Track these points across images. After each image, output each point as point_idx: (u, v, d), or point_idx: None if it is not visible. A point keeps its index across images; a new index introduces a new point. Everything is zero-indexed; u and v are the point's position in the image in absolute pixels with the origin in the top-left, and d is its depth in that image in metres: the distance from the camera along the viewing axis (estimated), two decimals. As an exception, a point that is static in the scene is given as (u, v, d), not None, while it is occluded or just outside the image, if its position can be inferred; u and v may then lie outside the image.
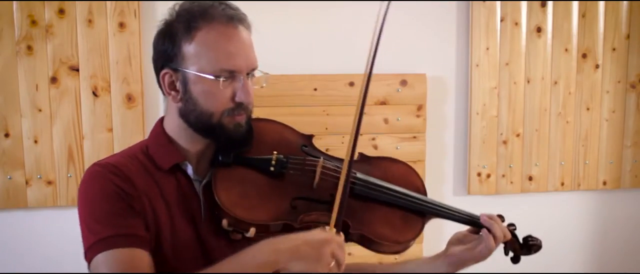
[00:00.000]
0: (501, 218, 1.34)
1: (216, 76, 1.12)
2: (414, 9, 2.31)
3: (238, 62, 1.14)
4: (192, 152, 1.21)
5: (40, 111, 2.09)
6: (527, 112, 2.39)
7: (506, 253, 1.36)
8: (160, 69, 1.18)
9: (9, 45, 2.05)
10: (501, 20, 2.33)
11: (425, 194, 1.33)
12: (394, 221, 1.25)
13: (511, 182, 2.41)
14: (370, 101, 2.27)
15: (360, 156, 1.34)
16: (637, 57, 2.44)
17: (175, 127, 1.21)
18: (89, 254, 1.07)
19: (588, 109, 2.43)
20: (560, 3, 2.36)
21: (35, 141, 2.10)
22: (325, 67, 2.25)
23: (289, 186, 1.20)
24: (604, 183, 2.49)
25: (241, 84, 1.15)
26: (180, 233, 1.16)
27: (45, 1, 2.06)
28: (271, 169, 1.19)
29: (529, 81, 2.38)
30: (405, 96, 2.29)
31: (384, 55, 2.30)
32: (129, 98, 2.14)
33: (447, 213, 1.31)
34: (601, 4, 2.39)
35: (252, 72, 1.19)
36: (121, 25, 2.11)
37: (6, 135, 2.08)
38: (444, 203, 1.31)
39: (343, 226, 1.19)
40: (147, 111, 2.16)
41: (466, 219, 1.32)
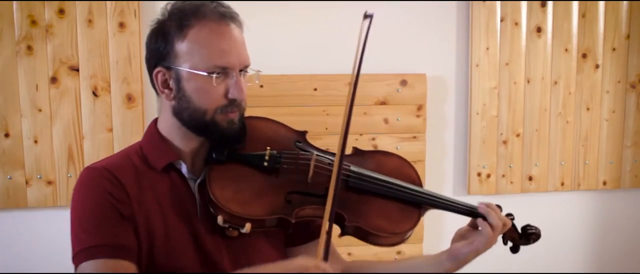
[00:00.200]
0: (499, 208, 1.32)
1: (209, 73, 1.13)
2: (414, 9, 2.31)
3: (231, 58, 1.15)
4: (187, 151, 1.22)
5: (40, 111, 2.09)
6: (527, 112, 2.39)
7: (505, 243, 1.35)
8: (154, 67, 1.18)
9: (9, 45, 2.05)
10: (501, 20, 2.33)
11: (421, 185, 1.32)
12: (390, 213, 1.25)
13: (511, 182, 2.41)
14: (370, 101, 2.27)
15: (354, 150, 1.34)
16: (637, 57, 2.44)
17: (169, 127, 1.22)
18: (75, 260, 1.09)
19: (588, 109, 2.43)
20: (560, 3, 2.36)
21: (35, 141, 2.10)
22: (325, 67, 2.25)
23: (283, 180, 1.20)
24: (604, 183, 2.49)
25: (234, 80, 1.15)
26: (175, 232, 1.16)
27: (45, 1, 2.06)
28: (265, 164, 1.20)
29: (529, 81, 2.38)
30: (405, 96, 2.29)
31: (384, 56, 2.33)
32: (129, 98, 2.14)
33: (443, 203, 1.29)
34: (601, 4, 2.39)
35: (245, 69, 1.19)
36: (121, 25, 2.11)
37: (6, 135, 2.08)
38: (440, 194, 1.30)
39: (338, 219, 1.20)
40: (147, 111, 2.16)
41: (462, 209, 1.30)
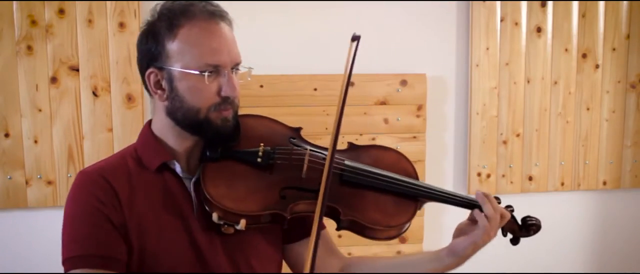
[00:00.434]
0: (497, 200, 1.30)
1: (201, 71, 1.13)
2: (414, 9, 2.31)
3: (222, 56, 1.15)
4: (181, 150, 1.22)
5: (40, 111, 2.09)
6: (527, 112, 2.39)
7: (505, 234, 1.33)
8: (145, 68, 1.19)
9: (9, 45, 2.05)
10: (501, 20, 2.33)
11: (417, 179, 1.32)
12: (385, 206, 1.25)
13: (511, 182, 2.41)
14: (370, 101, 2.27)
15: (349, 145, 1.35)
16: (637, 57, 2.44)
17: (163, 127, 1.22)
18: (64, 266, 1.12)
19: (588, 109, 2.43)
20: (560, 3, 2.36)
21: (35, 141, 2.10)
22: (325, 67, 2.25)
23: (278, 176, 1.21)
24: (604, 183, 2.49)
25: (226, 78, 1.16)
26: (169, 232, 1.17)
27: (45, 1, 2.06)
28: (258, 160, 1.20)
29: (529, 81, 2.38)
30: (405, 96, 2.29)
31: (384, 56, 2.33)
32: (129, 98, 2.14)
33: (439, 195, 1.28)
34: (601, 4, 2.39)
35: (236, 67, 1.19)
36: (121, 25, 2.11)
37: (6, 135, 2.08)
38: (436, 186, 1.30)
39: (333, 213, 1.20)
40: (147, 111, 2.16)
41: (458, 201, 1.29)
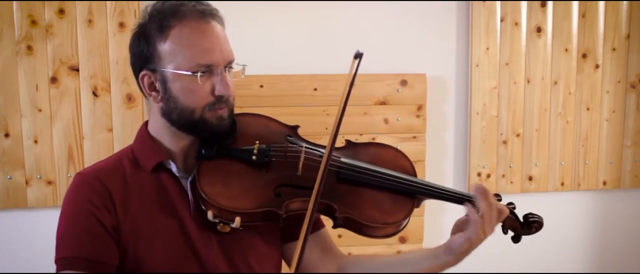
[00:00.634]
0: (497, 197, 1.28)
1: (193, 72, 1.13)
2: (414, 9, 2.31)
3: (214, 56, 1.14)
4: (177, 150, 1.23)
5: (40, 111, 2.09)
6: (527, 112, 2.39)
7: (505, 232, 1.31)
8: (139, 71, 1.19)
9: (9, 45, 2.05)
10: (501, 20, 2.33)
11: (415, 176, 1.31)
12: (382, 203, 1.24)
13: (511, 182, 2.41)
14: (370, 101, 2.27)
15: (346, 143, 1.34)
16: (637, 57, 2.44)
17: (159, 128, 1.23)
18: (56, 265, 1.14)
19: (588, 109, 2.43)
20: (560, 3, 2.36)
21: (35, 141, 2.10)
22: (325, 67, 2.25)
23: (273, 174, 1.21)
24: (604, 183, 2.49)
25: (219, 77, 1.15)
26: (164, 232, 1.17)
27: (45, 1, 2.06)
28: (253, 158, 1.20)
29: (529, 81, 2.38)
30: (405, 96, 2.29)
31: (384, 56, 2.33)
32: (129, 98, 2.14)
33: (437, 192, 1.27)
34: (601, 4, 2.39)
35: (230, 65, 1.19)
36: (121, 25, 2.11)
37: (6, 135, 2.08)
38: (433, 183, 1.29)
39: (329, 211, 1.20)
40: (147, 111, 2.16)
41: (456, 197, 1.26)
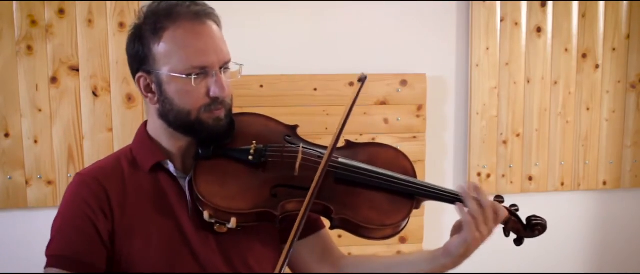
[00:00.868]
0: (500, 199, 1.27)
1: (188, 74, 1.12)
2: (414, 9, 2.31)
3: (209, 57, 1.14)
4: (175, 150, 1.23)
5: (40, 111, 2.09)
6: (527, 112, 2.39)
7: (507, 234, 1.28)
8: (136, 72, 1.19)
9: (9, 45, 2.05)
10: (501, 20, 2.33)
11: (415, 177, 1.29)
12: (380, 204, 1.22)
13: (511, 182, 2.41)
14: (370, 101, 2.27)
15: (346, 143, 1.33)
16: (637, 57, 2.44)
17: (157, 128, 1.23)
18: (46, 258, 1.17)
19: (588, 109, 2.43)
20: (560, 3, 2.36)
21: (35, 141, 2.10)
22: (325, 67, 2.25)
23: (270, 174, 1.20)
24: (604, 183, 2.49)
25: (214, 79, 1.15)
26: (161, 232, 1.17)
27: (45, 1, 2.06)
28: (250, 158, 1.20)
29: (529, 81, 2.38)
30: (405, 96, 2.29)
31: (384, 56, 2.33)
32: (129, 98, 2.14)
33: (435, 193, 1.25)
34: (601, 4, 2.39)
35: (226, 65, 1.18)
36: (121, 25, 2.11)
37: (6, 135, 2.08)
38: (432, 184, 1.27)
39: (326, 212, 1.19)
40: (147, 111, 2.16)
41: (454, 198, 1.24)
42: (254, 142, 1.22)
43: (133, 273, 1.16)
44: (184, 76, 1.13)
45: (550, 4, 2.35)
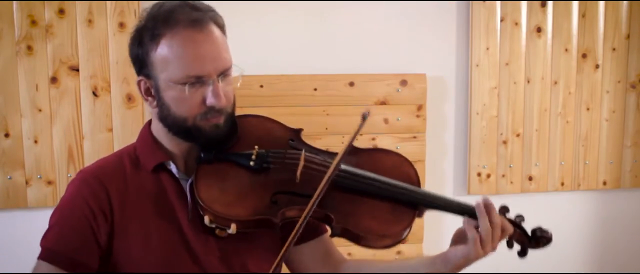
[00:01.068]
0: (505, 210, 1.26)
1: (183, 83, 1.11)
2: (414, 9, 2.31)
3: (205, 66, 1.12)
4: (178, 152, 1.23)
5: (40, 111, 2.09)
6: (527, 112, 2.39)
7: (510, 246, 1.28)
8: (137, 74, 1.19)
9: (9, 45, 2.05)
10: (501, 20, 2.33)
11: (419, 185, 1.27)
12: (381, 214, 1.21)
13: (511, 182, 2.41)
14: (370, 101, 2.27)
15: (351, 148, 1.30)
16: (637, 57, 2.44)
17: (159, 130, 1.23)
18: (40, 248, 1.18)
19: (588, 109, 2.43)
20: (560, 3, 2.36)
21: (35, 141, 2.10)
22: (325, 67, 2.25)
23: (271, 180, 1.19)
24: (604, 183, 2.49)
25: (211, 87, 1.13)
26: (161, 233, 1.17)
27: (45, 1, 2.06)
28: (251, 163, 1.19)
29: (529, 81, 2.38)
30: (405, 96, 2.29)
31: (384, 56, 2.33)
32: (129, 98, 2.14)
33: (439, 203, 1.23)
34: (601, 4, 2.39)
35: (225, 72, 1.16)
36: (121, 25, 2.11)
37: (6, 135, 2.08)
38: (436, 193, 1.25)
39: (327, 220, 1.18)
40: (147, 111, 2.16)
41: (459, 209, 1.23)
42: (256, 147, 1.21)
43: (132, 273, 1.16)
44: (179, 85, 1.12)
45: (550, 4, 2.35)
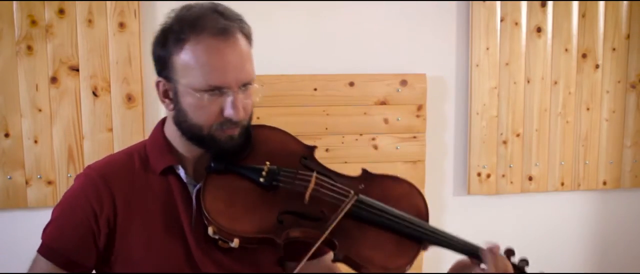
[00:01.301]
0: (511, 252, 1.25)
1: (203, 91, 1.10)
2: (414, 9, 2.31)
3: (226, 77, 1.10)
4: (189, 156, 1.22)
5: (40, 111, 2.09)
6: (527, 112, 2.39)
7: None
8: (158, 74, 1.18)
9: (9, 45, 2.05)
10: (501, 20, 2.33)
11: (427, 217, 1.26)
12: (386, 245, 1.18)
13: (511, 182, 2.41)
14: (370, 101, 2.27)
15: (362, 172, 1.29)
16: (637, 57, 2.44)
17: (173, 132, 1.22)
18: (41, 241, 1.19)
19: (588, 109, 2.43)
20: (560, 3, 2.35)
21: (35, 141, 2.10)
22: (325, 67, 2.25)
23: (279, 198, 1.17)
24: (604, 183, 2.49)
25: (230, 99, 1.11)
26: (163, 237, 1.17)
27: (45, 1, 2.06)
28: (261, 180, 1.17)
29: (529, 81, 2.38)
30: (405, 96, 2.29)
31: (384, 56, 2.33)
32: (129, 98, 2.14)
33: (446, 241, 1.22)
34: (601, 4, 2.39)
35: (247, 84, 1.14)
36: (121, 25, 2.11)
37: (6, 135, 2.08)
38: (444, 231, 1.23)
39: (330, 245, 1.17)
40: (147, 111, 2.16)
41: (465, 249, 1.22)
42: (268, 163, 1.19)
43: (131, 273, 1.16)
44: (198, 95, 1.11)
45: (550, 4, 2.35)
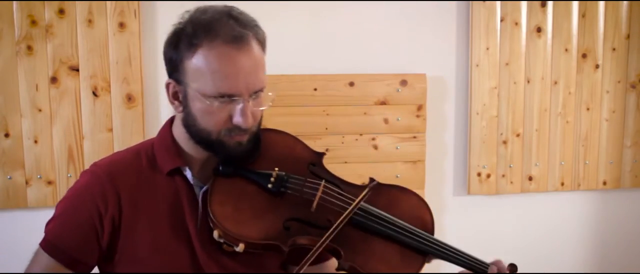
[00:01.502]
0: (513, 268, 1.26)
1: (213, 98, 1.10)
2: (414, 9, 2.31)
3: (237, 85, 1.10)
4: (197, 158, 1.22)
5: (40, 111, 2.09)
6: (527, 112, 2.39)
7: None
8: (168, 75, 1.18)
9: (9, 45, 2.05)
10: (501, 20, 2.33)
11: (433, 229, 1.26)
12: (390, 257, 1.19)
13: (511, 182, 2.41)
14: (370, 101, 2.27)
15: (370, 181, 1.28)
16: (637, 57, 2.44)
17: (181, 134, 1.22)
18: (44, 235, 1.20)
19: (588, 109, 2.43)
20: (560, 3, 2.35)
21: (35, 141, 2.10)
22: (325, 67, 2.25)
23: (286, 205, 1.17)
24: (604, 183, 2.49)
25: (240, 106, 1.11)
26: (168, 237, 1.16)
27: (45, 1, 2.06)
28: (269, 186, 1.16)
29: (529, 81, 2.37)
30: (405, 96, 2.29)
31: (384, 56, 2.33)
32: (129, 98, 2.14)
33: (451, 255, 1.23)
34: (601, 4, 2.39)
35: (257, 93, 1.15)
36: (121, 25, 2.11)
37: (6, 135, 2.08)
38: (450, 245, 1.24)
39: (335, 253, 1.17)
40: (147, 111, 2.16)
41: (471, 265, 1.23)
42: (276, 168, 1.19)
43: (133, 272, 1.16)
44: (208, 102, 1.10)
45: (550, 4, 2.35)
